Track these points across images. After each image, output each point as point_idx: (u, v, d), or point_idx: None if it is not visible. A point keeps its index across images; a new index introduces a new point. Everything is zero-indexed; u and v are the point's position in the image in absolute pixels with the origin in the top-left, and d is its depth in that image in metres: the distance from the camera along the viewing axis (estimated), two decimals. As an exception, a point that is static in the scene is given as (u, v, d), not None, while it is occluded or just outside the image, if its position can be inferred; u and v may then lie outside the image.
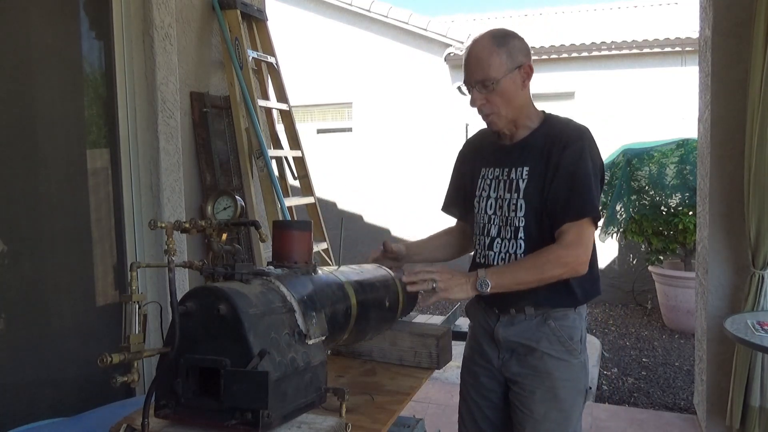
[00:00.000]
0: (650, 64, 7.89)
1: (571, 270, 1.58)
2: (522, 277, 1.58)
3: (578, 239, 1.58)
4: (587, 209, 1.60)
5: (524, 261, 1.63)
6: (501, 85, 1.63)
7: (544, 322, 1.69)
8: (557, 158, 1.62)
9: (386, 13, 9.03)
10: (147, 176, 2.69)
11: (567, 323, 1.70)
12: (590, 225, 1.61)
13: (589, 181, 1.61)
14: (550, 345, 1.69)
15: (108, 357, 1.08)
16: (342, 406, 1.23)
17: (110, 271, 2.65)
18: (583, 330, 1.75)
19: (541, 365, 1.69)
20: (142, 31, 2.66)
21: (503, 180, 1.72)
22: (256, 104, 3.22)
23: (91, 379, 2.37)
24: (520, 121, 1.71)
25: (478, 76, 1.64)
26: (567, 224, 1.59)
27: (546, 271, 1.57)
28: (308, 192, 3.64)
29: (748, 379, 2.81)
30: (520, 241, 1.68)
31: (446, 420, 3.47)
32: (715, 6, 2.97)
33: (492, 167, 1.77)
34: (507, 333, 1.72)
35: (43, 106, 2.40)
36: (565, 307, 1.70)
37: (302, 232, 1.44)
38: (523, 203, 1.67)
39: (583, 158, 1.61)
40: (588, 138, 1.65)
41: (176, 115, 2.77)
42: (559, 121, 1.73)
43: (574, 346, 1.70)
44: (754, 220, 2.78)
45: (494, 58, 1.62)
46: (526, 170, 1.68)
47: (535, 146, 1.68)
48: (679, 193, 5.58)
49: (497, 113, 1.67)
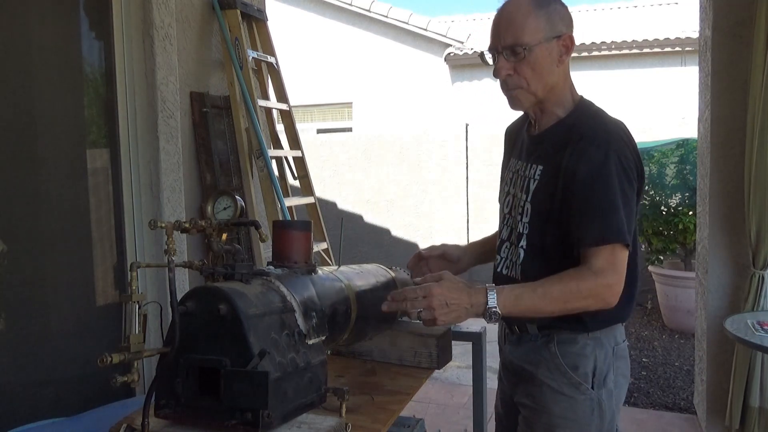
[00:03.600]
0: (650, 64, 7.90)
1: (602, 302, 1.31)
2: (542, 307, 1.32)
3: (611, 266, 1.30)
4: (608, 234, 1.31)
5: (548, 286, 1.31)
6: (534, 54, 1.36)
7: (546, 345, 1.44)
8: (573, 163, 1.35)
9: (386, 13, 9.04)
10: (147, 176, 2.69)
11: (573, 349, 1.42)
12: (622, 250, 1.32)
13: (612, 198, 1.31)
14: (548, 373, 1.43)
15: (108, 357, 1.08)
16: (342, 406, 1.23)
17: (110, 271, 2.65)
18: (599, 361, 1.42)
19: (539, 396, 1.45)
20: (142, 31, 2.66)
21: (520, 176, 1.49)
22: (256, 104, 3.22)
23: (91, 379, 2.37)
24: (547, 105, 1.45)
25: (508, 40, 1.37)
26: (592, 248, 1.31)
27: (571, 301, 1.30)
28: (308, 192, 3.64)
29: (747, 379, 2.81)
30: (520, 250, 1.45)
31: (446, 420, 3.48)
32: (715, 6, 2.97)
33: (516, 159, 1.54)
34: (512, 354, 1.53)
35: (43, 106, 2.40)
36: (570, 331, 1.42)
37: (302, 232, 1.44)
38: (530, 208, 1.43)
39: (606, 168, 1.32)
40: (617, 141, 1.35)
41: (176, 115, 2.77)
42: (589, 115, 1.44)
43: (578, 378, 1.41)
44: (754, 220, 2.78)
45: (530, 20, 1.36)
46: (539, 169, 1.43)
47: (554, 142, 1.41)
48: (679, 193, 5.58)
49: (524, 88, 1.40)
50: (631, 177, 1.35)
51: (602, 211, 1.32)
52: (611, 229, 1.31)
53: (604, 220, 1.31)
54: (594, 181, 1.32)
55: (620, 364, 1.47)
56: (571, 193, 1.35)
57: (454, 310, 1.29)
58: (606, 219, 1.31)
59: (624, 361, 1.49)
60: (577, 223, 1.34)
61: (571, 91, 1.47)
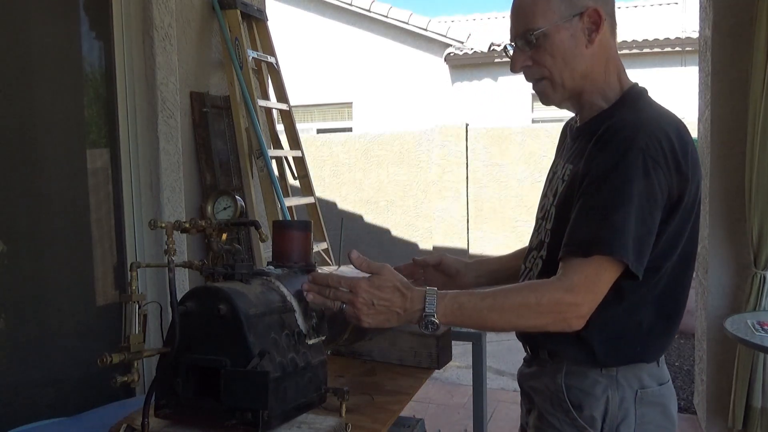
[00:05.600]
0: (650, 64, 7.90)
1: (562, 322, 1.09)
2: (488, 321, 1.12)
3: (587, 284, 1.07)
4: (599, 245, 1.07)
5: (501, 297, 1.11)
6: (551, 39, 1.17)
7: (553, 374, 1.23)
8: (590, 159, 1.15)
9: (386, 13, 9.05)
10: (147, 176, 2.69)
11: (581, 385, 1.19)
12: (611, 267, 1.08)
13: (619, 202, 1.07)
14: (551, 408, 1.23)
15: (108, 357, 1.08)
16: (342, 406, 1.23)
17: (110, 271, 2.65)
18: (611, 404, 1.17)
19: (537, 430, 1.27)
20: (142, 31, 2.66)
21: (557, 177, 1.29)
22: (256, 104, 3.22)
23: (91, 379, 2.37)
24: (586, 96, 1.23)
25: (519, 28, 1.21)
26: (573, 259, 1.10)
27: (524, 317, 1.10)
28: (308, 192, 3.64)
29: (750, 379, 2.81)
30: (539, 260, 1.25)
31: (446, 420, 3.48)
32: (715, 6, 2.97)
33: (558, 158, 1.36)
34: (522, 374, 1.36)
35: (43, 106, 2.40)
36: (578, 364, 1.19)
37: (302, 232, 1.44)
38: (554, 213, 1.23)
39: (624, 167, 1.08)
40: (647, 137, 1.09)
41: (176, 115, 2.77)
42: (631, 104, 1.20)
43: (582, 421, 1.18)
44: (756, 220, 2.77)
45: (541, 1, 1.18)
46: (569, 169, 1.22)
47: (585, 138, 1.21)
48: (679, 193, 5.58)
49: (549, 78, 1.21)
50: (655, 182, 1.08)
51: (601, 216, 1.08)
52: (605, 240, 1.07)
53: (599, 228, 1.08)
54: (603, 180, 1.09)
55: (646, 411, 1.19)
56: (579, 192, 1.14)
57: (381, 312, 1.12)
58: (602, 227, 1.07)
59: (658, 411, 1.21)
60: (570, 226, 1.12)
61: (619, 77, 1.24)
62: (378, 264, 1.18)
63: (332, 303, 1.15)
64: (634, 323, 1.16)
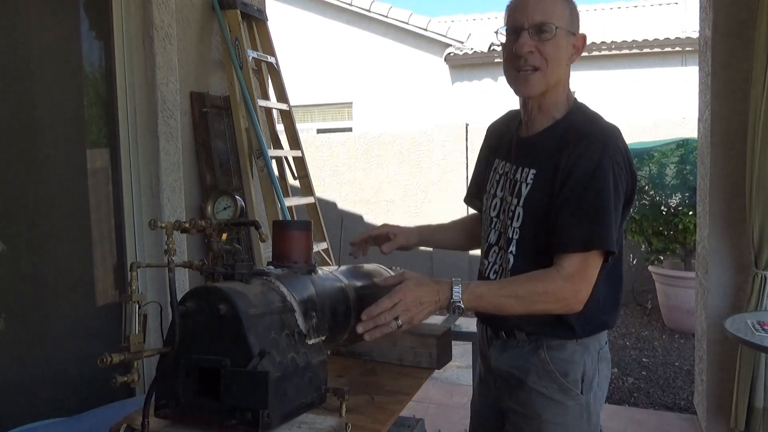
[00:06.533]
0: (650, 64, 7.90)
1: (566, 307, 1.32)
2: (506, 306, 1.32)
3: (581, 273, 1.30)
4: (595, 240, 1.30)
5: (515, 286, 1.33)
6: (558, 38, 1.35)
7: (535, 351, 1.44)
8: (569, 166, 1.33)
9: (386, 13, 9.05)
10: (147, 176, 2.69)
11: (563, 356, 1.42)
12: (598, 257, 1.32)
13: (603, 203, 1.30)
14: (538, 380, 1.43)
15: (108, 357, 1.08)
16: (342, 406, 1.23)
17: (110, 271, 2.65)
18: (587, 366, 1.43)
19: (530, 403, 1.44)
20: (142, 31, 2.66)
21: (509, 179, 1.46)
22: (256, 104, 3.22)
23: (91, 379, 2.37)
24: (546, 102, 1.42)
25: (536, 18, 1.34)
26: (569, 253, 1.32)
27: (536, 303, 1.31)
28: (308, 192, 3.64)
29: (752, 380, 2.80)
30: (509, 256, 1.43)
31: (446, 420, 3.48)
32: (715, 6, 2.97)
33: (504, 160, 1.51)
34: (499, 359, 1.52)
35: (43, 106, 2.40)
36: (559, 337, 1.43)
37: (302, 232, 1.44)
38: (522, 212, 1.41)
39: (601, 173, 1.30)
40: (613, 146, 1.33)
41: (176, 115, 2.77)
42: (585, 118, 1.42)
43: (569, 384, 1.42)
44: (757, 220, 2.76)
45: (559, 5, 1.36)
46: (532, 173, 1.41)
47: (548, 145, 1.39)
48: (679, 193, 5.58)
49: (542, 70, 1.37)
50: (620, 186, 1.33)
51: (592, 216, 1.30)
52: (599, 235, 1.30)
53: (592, 226, 1.30)
54: (588, 184, 1.31)
55: (603, 366, 1.48)
56: (563, 193, 1.33)
57: (426, 306, 1.29)
58: (595, 224, 1.30)
59: (606, 363, 1.50)
60: (564, 225, 1.32)
61: (567, 94, 1.46)
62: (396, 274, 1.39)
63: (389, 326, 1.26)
64: (595, 299, 1.36)
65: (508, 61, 1.41)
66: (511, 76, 1.42)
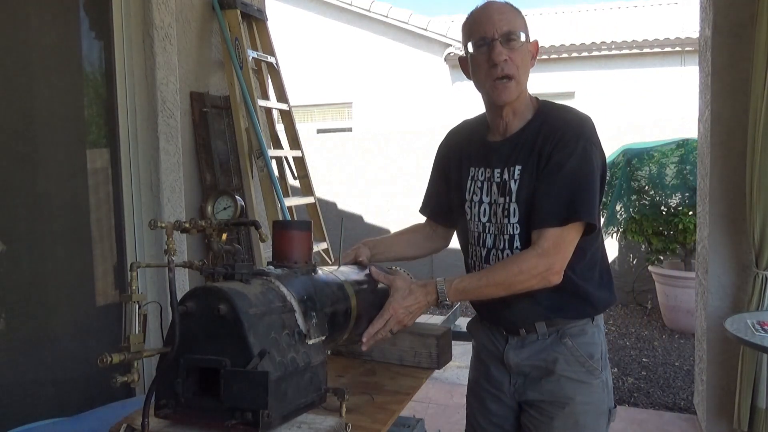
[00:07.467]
0: (650, 64, 7.90)
1: (543, 280, 1.41)
2: (490, 294, 1.44)
3: (556, 247, 1.40)
4: (571, 213, 1.39)
5: (493, 273, 1.44)
6: (523, 46, 1.44)
7: (559, 341, 1.53)
8: (548, 152, 1.43)
9: (386, 13, 9.05)
10: (147, 176, 2.69)
11: (586, 339, 1.52)
12: (575, 230, 1.42)
13: (581, 179, 1.41)
14: (568, 366, 1.52)
15: (108, 357, 1.08)
16: (342, 406, 1.23)
17: (110, 271, 2.65)
18: (603, 344, 1.57)
19: (559, 389, 1.52)
20: (142, 31, 2.66)
21: (495, 182, 1.53)
22: (256, 104, 3.22)
23: (91, 379, 2.37)
24: (518, 106, 1.51)
25: (503, 28, 1.43)
26: (548, 228, 1.41)
27: (515, 284, 1.41)
28: (308, 192, 3.64)
29: (754, 380, 2.80)
30: (516, 251, 1.50)
31: (446, 420, 3.48)
32: (715, 6, 2.97)
33: (482, 167, 1.57)
34: (519, 357, 1.57)
35: (43, 106, 2.40)
36: (580, 318, 1.52)
37: (302, 232, 1.44)
38: (516, 207, 1.48)
39: (577, 153, 1.41)
40: (588, 131, 1.44)
41: (176, 115, 2.77)
42: (556, 111, 1.51)
43: (594, 365, 1.53)
44: (758, 220, 2.76)
45: (519, 16, 1.46)
46: (518, 169, 1.48)
47: (528, 141, 1.48)
48: (679, 193, 5.58)
49: (515, 78, 1.45)
50: (595, 163, 1.43)
51: (571, 190, 1.40)
52: (576, 208, 1.39)
53: (572, 198, 1.39)
54: (561, 166, 1.41)
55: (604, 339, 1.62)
56: (543, 175, 1.43)
57: (416, 310, 1.47)
58: (574, 198, 1.39)
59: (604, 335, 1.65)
60: (541, 204, 1.42)
61: (530, 96, 1.55)
62: (392, 275, 1.55)
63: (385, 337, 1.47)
64: (596, 277, 1.53)
65: (482, 72, 1.47)
66: (487, 85, 1.48)
